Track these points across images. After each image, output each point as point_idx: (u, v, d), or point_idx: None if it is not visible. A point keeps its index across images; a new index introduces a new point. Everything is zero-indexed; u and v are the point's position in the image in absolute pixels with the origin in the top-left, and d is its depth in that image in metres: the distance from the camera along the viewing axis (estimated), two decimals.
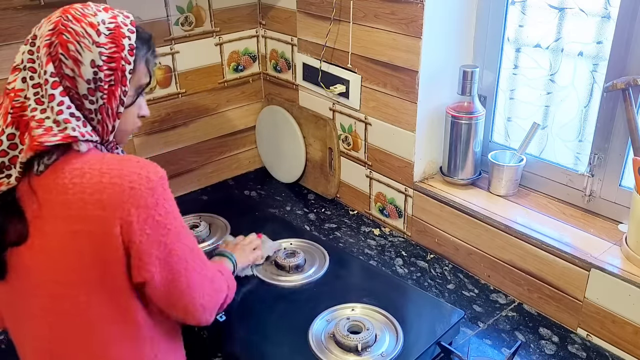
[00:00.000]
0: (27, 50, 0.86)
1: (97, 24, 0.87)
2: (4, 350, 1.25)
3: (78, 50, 0.85)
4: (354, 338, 1.11)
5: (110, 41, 0.87)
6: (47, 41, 0.84)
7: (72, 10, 0.87)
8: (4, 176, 0.84)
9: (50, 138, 0.82)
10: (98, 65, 0.86)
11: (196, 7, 1.71)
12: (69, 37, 0.85)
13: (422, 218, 1.56)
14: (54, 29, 0.85)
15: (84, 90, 0.86)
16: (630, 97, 1.20)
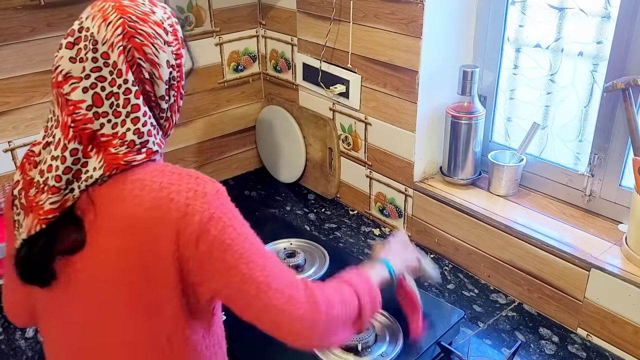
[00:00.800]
0: (92, 58, 0.78)
1: (160, 22, 0.83)
2: (4, 350, 1.25)
3: (154, 53, 0.81)
4: (354, 338, 1.11)
5: (174, 38, 0.85)
6: (120, 47, 0.78)
7: (129, 8, 0.81)
8: (68, 191, 0.79)
9: (137, 157, 0.80)
10: (172, 64, 0.84)
11: (196, 7, 1.71)
12: (142, 40, 0.80)
13: (422, 218, 1.56)
14: (122, 32, 0.79)
15: (161, 92, 0.84)
16: (630, 97, 1.20)
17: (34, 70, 1.46)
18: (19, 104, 1.47)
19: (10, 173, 1.51)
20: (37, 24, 1.43)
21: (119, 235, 0.79)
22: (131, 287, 0.80)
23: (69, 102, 0.79)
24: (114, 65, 0.78)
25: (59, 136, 0.79)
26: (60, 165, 0.78)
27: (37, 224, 0.79)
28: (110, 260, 0.79)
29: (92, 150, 0.79)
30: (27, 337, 1.28)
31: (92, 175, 0.79)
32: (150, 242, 0.78)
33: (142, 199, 0.78)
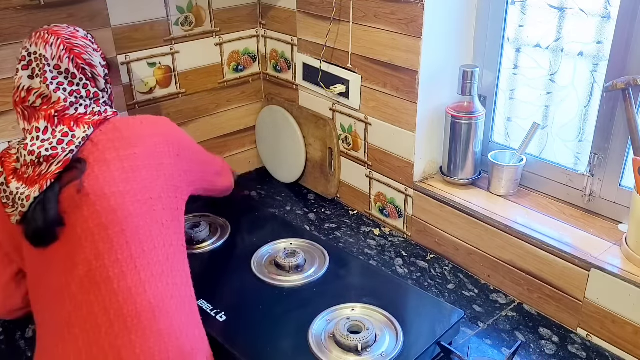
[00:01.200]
0: (49, 71, 1.10)
1: (85, 36, 1.18)
2: (3, 350, 1.25)
3: (90, 58, 1.15)
4: (354, 338, 1.11)
5: (97, 45, 1.20)
6: (67, 58, 1.11)
7: (61, 31, 1.14)
8: (67, 153, 1.06)
9: (109, 114, 1.14)
10: (102, 64, 1.18)
11: (196, 7, 1.71)
12: (79, 50, 1.13)
13: (422, 218, 1.56)
14: (65, 48, 1.11)
15: (102, 85, 1.18)
16: (630, 97, 1.20)
17: None
18: None
19: None
20: (37, 24, 1.43)
21: (119, 150, 1.08)
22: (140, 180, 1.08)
23: (41, 106, 1.10)
24: (67, 71, 1.11)
25: (44, 125, 1.08)
26: (53, 140, 1.07)
27: (47, 181, 1.04)
28: (123, 164, 1.07)
29: (74, 125, 1.09)
30: (27, 337, 1.28)
31: (87, 134, 1.09)
32: (147, 147, 1.11)
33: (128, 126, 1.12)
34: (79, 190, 1.04)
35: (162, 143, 1.13)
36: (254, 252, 1.44)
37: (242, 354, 1.15)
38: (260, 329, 1.20)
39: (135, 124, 1.13)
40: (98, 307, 1.01)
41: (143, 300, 1.02)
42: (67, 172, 1.06)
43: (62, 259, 1.05)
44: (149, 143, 1.11)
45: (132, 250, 1.03)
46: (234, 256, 1.46)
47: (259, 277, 1.35)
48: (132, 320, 1.01)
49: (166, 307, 1.04)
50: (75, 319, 1.02)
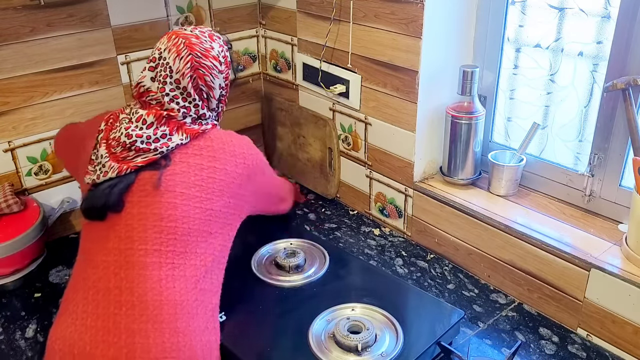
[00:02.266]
0: (169, 82, 1.15)
1: (217, 56, 1.19)
2: (3, 350, 1.25)
3: (212, 80, 1.19)
4: (354, 338, 1.11)
5: (226, 66, 1.23)
6: (189, 77, 1.16)
7: (196, 46, 1.16)
8: (157, 153, 1.13)
9: (207, 127, 1.20)
10: (222, 86, 1.23)
11: (196, 7, 1.71)
12: (204, 72, 1.17)
13: (422, 218, 1.56)
14: (191, 66, 1.15)
15: (213, 105, 1.23)
16: (630, 97, 1.20)
17: (34, 70, 1.46)
18: (19, 104, 1.47)
19: (10, 173, 1.51)
20: (37, 24, 1.44)
21: (201, 157, 1.15)
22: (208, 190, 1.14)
23: (155, 106, 1.16)
24: (184, 89, 1.16)
25: (152, 120, 1.14)
26: (152, 136, 1.13)
27: (127, 168, 1.12)
28: (201, 171, 1.14)
29: (175, 131, 1.15)
30: (27, 337, 1.28)
31: (182, 142, 1.15)
32: (224, 163, 1.16)
33: (223, 145, 1.19)
34: (155, 186, 1.11)
35: (241, 165, 1.19)
36: (254, 252, 1.44)
37: (242, 354, 1.15)
38: (260, 329, 1.21)
39: (226, 140, 1.19)
40: (125, 285, 1.05)
41: (169, 294, 1.05)
42: (150, 166, 1.13)
43: (112, 227, 1.11)
44: (231, 162, 1.17)
45: (176, 247, 1.09)
46: (234, 256, 1.45)
47: (259, 277, 1.35)
48: (153, 310, 1.04)
49: (189, 307, 1.07)
50: (102, 285, 1.07)
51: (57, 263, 1.51)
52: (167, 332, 1.03)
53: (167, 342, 1.03)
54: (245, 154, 1.21)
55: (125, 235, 1.09)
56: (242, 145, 1.22)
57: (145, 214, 1.10)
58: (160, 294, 1.05)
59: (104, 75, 1.59)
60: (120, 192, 1.11)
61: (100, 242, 1.12)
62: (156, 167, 1.12)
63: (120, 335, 1.02)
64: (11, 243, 1.37)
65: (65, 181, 1.60)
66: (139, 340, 1.02)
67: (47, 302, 1.39)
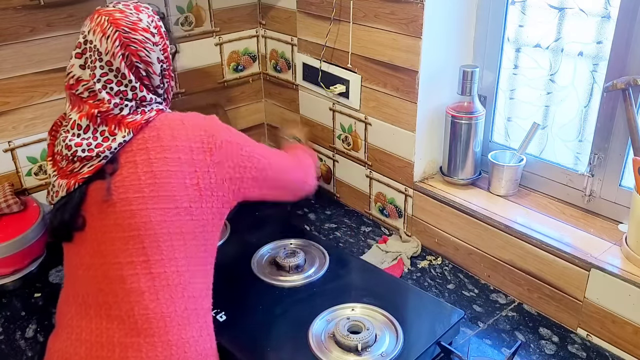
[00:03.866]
0: (99, 66, 1.02)
1: (147, 27, 1.05)
2: (3, 350, 1.25)
3: (147, 55, 1.05)
4: (354, 338, 1.11)
5: (160, 36, 1.08)
6: (121, 56, 1.02)
7: (121, 21, 1.03)
8: (101, 158, 1.02)
9: (150, 114, 1.06)
10: (161, 59, 1.08)
11: (196, 7, 1.71)
12: (136, 46, 1.03)
13: (422, 218, 1.56)
14: (120, 44, 1.02)
15: (157, 82, 1.09)
16: (630, 97, 1.20)
17: (33, 70, 1.47)
18: (19, 104, 1.47)
19: (11, 173, 1.51)
20: (37, 24, 1.44)
21: (155, 150, 1.03)
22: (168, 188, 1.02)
23: (88, 99, 1.03)
24: (118, 70, 1.03)
25: (86, 123, 1.03)
26: (93, 142, 1.02)
27: (75, 183, 1.03)
28: (148, 169, 1.02)
29: (115, 128, 1.03)
30: (27, 337, 1.28)
31: (125, 140, 1.02)
32: (183, 153, 1.04)
33: (170, 126, 1.05)
34: (105, 196, 1.02)
35: (200, 149, 1.05)
36: (254, 252, 1.44)
37: (242, 354, 1.15)
38: (260, 329, 1.20)
39: (176, 124, 1.06)
40: (112, 300, 1.02)
41: (155, 307, 1.01)
42: (98, 175, 1.03)
43: (82, 244, 1.05)
44: (185, 147, 1.04)
45: (148, 256, 1.01)
46: (234, 256, 1.46)
47: (259, 277, 1.35)
48: (142, 324, 1.00)
49: (178, 318, 1.03)
50: (91, 300, 1.03)
51: (57, 263, 1.51)
52: (159, 346, 1.00)
53: (159, 355, 1.00)
54: (203, 134, 1.05)
55: (96, 249, 1.03)
56: (196, 126, 1.06)
57: (107, 226, 1.02)
58: (146, 307, 1.01)
59: None
60: (73, 209, 1.04)
61: (76, 256, 1.07)
62: (104, 175, 1.02)
63: (114, 349, 1.00)
64: (11, 243, 1.37)
65: None
66: (132, 354, 0.99)
67: (47, 302, 1.39)
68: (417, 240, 1.57)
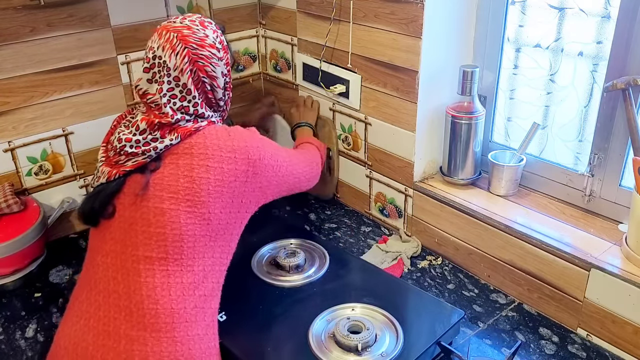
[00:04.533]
0: (167, 81, 1.09)
1: (213, 43, 1.12)
2: (3, 350, 1.25)
3: (213, 70, 1.12)
4: (354, 338, 1.11)
5: (224, 51, 1.15)
6: (189, 72, 1.09)
7: (189, 37, 1.09)
8: (146, 157, 1.08)
9: (201, 124, 1.12)
10: (224, 73, 1.15)
11: (196, 7, 1.71)
12: (203, 62, 1.10)
13: (422, 218, 1.56)
14: (189, 60, 1.09)
15: (220, 95, 1.16)
16: (630, 97, 1.20)
17: (34, 70, 1.46)
18: (19, 104, 1.47)
19: (11, 173, 1.51)
20: (37, 24, 1.44)
21: (199, 157, 1.07)
22: (201, 193, 1.06)
23: (154, 110, 1.10)
24: (184, 86, 1.10)
25: (144, 127, 1.08)
26: (142, 140, 1.08)
27: (116, 173, 1.09)
28: (190, 173, 1.06)
29: (168, 132, 1.09)
30: (27, 337, 1.28)
31: (172, 143, 1.08)
32: (226, 162, 1.08)
33: (217, 136, 1.10)
34: (141, 190, 1.06)
35: (242, 160, 1.11)
36: (254, 252, 1.44)
37: (242, 354, 1.15)
38: (260, 329, 1.20)
39: (222, 135, 1.11)
40: (123, 290, 1.04)
41: (165, 302, 1.03)
42: (140, 170, 1.09)
43: (108, 229, 1.09)
44: (226, 158, 1.09)
45: (168, 254, 1.05)
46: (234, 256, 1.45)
47: (259, 277, 1.35)
48: (150, 318, 1.03)
49: (186, 315, 1.05)
50: (102, 287, 1.06)
51: (57, 263, 1.51)
52: (164, 341, 1.02)
53: (164, 351, 1.02)
54: (247, 147, 1.12)
55: (119, 238, 1.08)
56: (241, 139, 1.13)
57: (135, 218, 1.06)
58: (156, 302, 1.03)
59: (104, 75, 1.59)
60: (106, 197, 1.09)
61: (100, 242, 1.11)
62: (145, 170, 1.08)
63: (120, 340, 1.02)
64: (11, 243, 1.37)
65: (65, 181, 1.60)
66: (137, 347, 1.01)
67: (47, 302, 1.39)
68: (417, 240, 1.57)
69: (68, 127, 1.56)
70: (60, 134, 1.56)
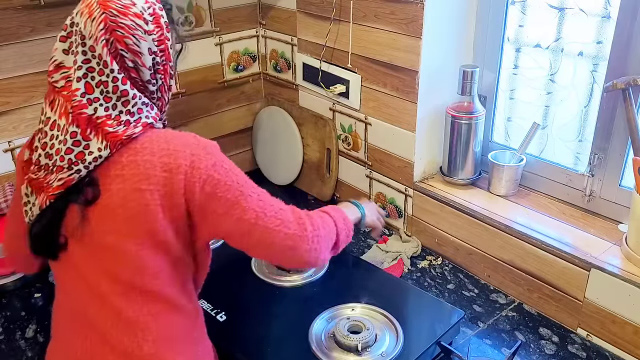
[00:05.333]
0: (82, 51, 0.89)
1: (140, 13, 0.91)
2: (3, 350, 1.25)
3: (135, 43, 0.90)
4: (354, 338, 1.11)
5: (156, 25, 0.93)
6: (103, 40, 0.88)
7: (111, 3, 0.90)
8: (73, 172, 0.89)
9: (135, 130, 0.91)
10: (154, 51, 0.93)
11: (196, 7, 1.71)
12: (123, 32, 0.89)
13: (422, 218, 1.56)
14: (105, 27, 0.88)
15: (147, 77, 0.94)
16: (630, 97, 1.20)
17: (34, 70, 1.47)
18: (19, 104, 1.47)
19: (11, 173, 1.51)
20: (37, 24, 1.44)
21: (132, 179, 0.89)
22: (139, 223, 0.90)
23: (63, 89, 0.91)
24: (100, 57, 0.89)
25: (61, 121, 0.90)
26: (63, 147, 0.89)
27: (46, 199, 0.90)
28: (123, 201, 0.89)
29: (90, 133, 0.89)
30: (27, 337, 1.28)
31: (101, 155, 0.89)
32: (163, 184, 0.89)
33: (151, 149, 0.91)
34: (79, 226, 0.92)
35: (182, 181, 0.90)
36: None
37: (242, 354, 1.15)
38: (260, 329, 1.21)
39: (159, 148, 0.91)
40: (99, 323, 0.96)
41: (151, 333, 0.95)
42: (73, 193, 0.91)
43: (67, 261, 0.98)
44: (165, 178, 0.90)
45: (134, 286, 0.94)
46: (234, 256, 1.45)
47: (259, 277, 1.35)
48: (132, 350, 0.94)
49: (171, 347, 0.96)
50: (80, 317, 0.98)
51: None
52: None
53: None
54: (189, 164, 0.90)
55: (77, 275, 0.96)
56: (182, 153, 0.91)
57: (84, 256, 0.94)
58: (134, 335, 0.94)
59: None
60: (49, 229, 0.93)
61: (65, 272, 1.00)
62: (79, 198, 0.90)
63: None
64: None
65: None
66: None
67: (47, 302, 1.39)
68: (417, 240, 1.57)
69: None
70: None
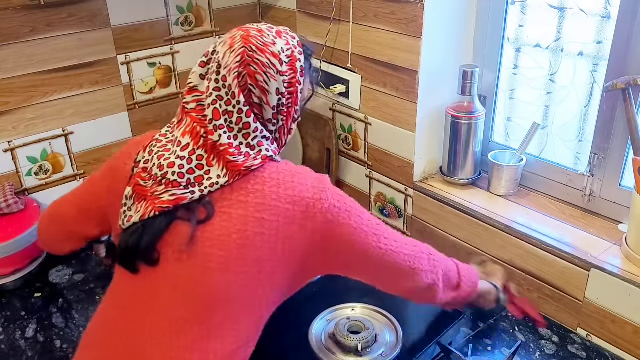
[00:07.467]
0: (215, 79, 0.92)
1: (278, 53, 0.93)
2: (3, 350, 1.25)
3: (265, 81, 0.92)
4: (354, 338, 1.11)
5: (290, 68, 0.95)
6: (236, 73, 0.91)
7: (253, 39, 0.92)
8: (188, 192, 0.90)
9: (254, 162, 0.92)
10: (281, 92, 0.94)
11: (196, 7, 1.71)
12: (256, 68, 0.91)
13: (422, 218, 1.56)
14: (240, 60, 0.91)
15: (269, 116, 0.95)
16: (630, 97, 1.20)
17: (34, 70, 1.47)
18: (19, 104, 1.47)
19: (11, 173, 1.51)
20: (37, 24, 1.44)
21: (256, 208, 0.89)
22: (256, 249, 0.89)
23: (192, 110, 0.94)
24: (229, 88, 0.91)
25: (187, 141, 0.92)
26: (186, 165, 0.91)
27: (152, 210, 0.90)
28: (242, 228, 0.89)
29: (213, 159, 0.91)
30: (27, 337, 1.28)
31: (218, 182, 0.90)
32: (285, 217, 0.89)
33: (278, 181, 0.92)
34: (188, 243, 0.90)
35: (304, 214, 0.91)
36: None
37: None
38: None
39: (285, 181, 0.92)
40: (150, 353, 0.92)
41: None
42: (184, 211, 0.91)
43: (150, 281, 0.94)
44: (289, 210, 0.90)
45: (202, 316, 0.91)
46: None
47: None
48: None
49: None
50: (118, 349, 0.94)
51: (57, 263, 1.51)
52: None
53: None
54: (313, 198, 0.92)
55: (160, 295, 0.92)
56: (306, 187, 0.92)
57: (180, 276, 0.91)
58: None
59: (104, 75, 1.59)
60: (151, 238, 0.91)
61: (136, 288, 0.95)
62: (190, 217, 0.90)
63: None
64: (11, 243, 1.37)
65: (65, 181, 1.60)
66: None
67: (47, 302, 1.39)
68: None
69: (68, 127, 1.56)
70: (60, 134, 1.56)
